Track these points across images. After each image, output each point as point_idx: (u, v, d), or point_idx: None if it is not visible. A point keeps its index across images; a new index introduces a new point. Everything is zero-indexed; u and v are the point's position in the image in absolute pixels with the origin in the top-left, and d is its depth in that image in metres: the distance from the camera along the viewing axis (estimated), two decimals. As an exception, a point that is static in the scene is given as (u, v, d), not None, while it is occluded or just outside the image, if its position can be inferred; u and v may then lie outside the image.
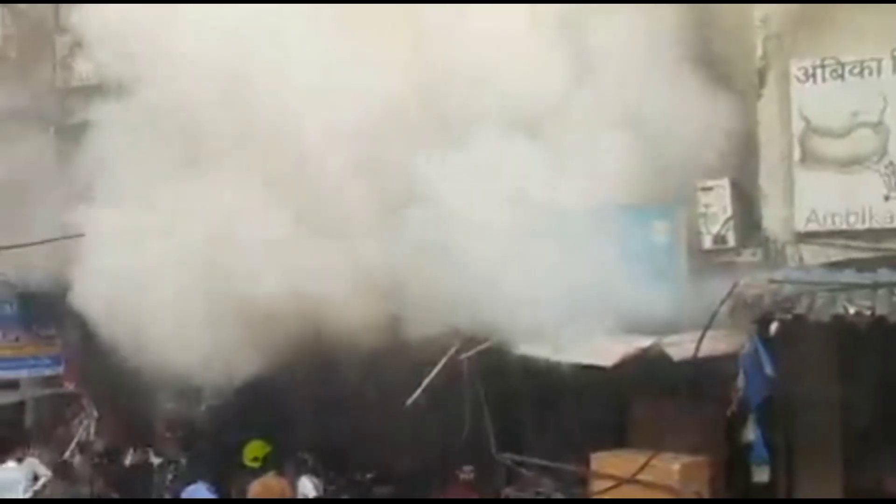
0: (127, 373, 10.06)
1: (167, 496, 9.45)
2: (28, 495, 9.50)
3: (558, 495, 6.86)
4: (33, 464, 10.06)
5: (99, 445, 10.60)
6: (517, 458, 6.92)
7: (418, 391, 6.85)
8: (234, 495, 9.15)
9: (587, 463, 6.62)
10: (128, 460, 10.27)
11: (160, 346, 7.78)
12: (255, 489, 8.44)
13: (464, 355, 6.71)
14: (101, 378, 11.67)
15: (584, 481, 6.73)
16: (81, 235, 8.74)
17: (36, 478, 9.86)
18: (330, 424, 8.89)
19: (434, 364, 6.79)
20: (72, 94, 10.73)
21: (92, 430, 10.97)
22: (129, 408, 11.30)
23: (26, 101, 10.83)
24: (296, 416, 9.42)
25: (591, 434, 6.80)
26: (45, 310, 11.65)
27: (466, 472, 7.74)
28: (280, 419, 9.54)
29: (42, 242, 9.22)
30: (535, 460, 6.93)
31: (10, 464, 9.85)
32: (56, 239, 9.23)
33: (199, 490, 8.76)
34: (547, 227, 6.40)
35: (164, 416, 10.88)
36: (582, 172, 6.59)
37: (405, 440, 8.59)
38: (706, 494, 6.14)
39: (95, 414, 11.25)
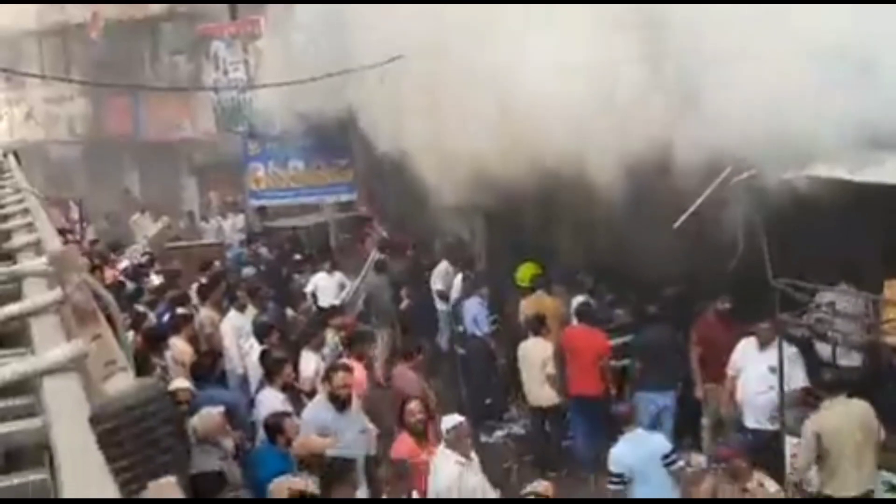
0: (411, 196, 10.98)
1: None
2: (338, 301, 11.00)
3: (840, 322, 6.46)
4: (339, 276, 11.60)
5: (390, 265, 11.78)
6: (797, 283, 6.54)
7: (686, 213, 6.65)
8: (506, 311, 9.86)
9: (880, 290, 6.11)
10: (437, 282, 10.92)
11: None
12: (527, 305, 8.97)
13: (740, 177, 6.34)
14: (388, 202, 12.90)
15: (874, 309, 6.25)
16: (364, 68, 9.30)
17: (343, 286, 11.41)
18: (602, 248, 9.05)
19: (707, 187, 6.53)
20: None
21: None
22: (413, 228, 12.42)
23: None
24: (569, 240, 9.70)
25: (886, 261, 6.21)
26: (339, 141, 12.95)
27: (722, 302, 7.54)
28: (552, 242, 9.89)
29: (326, 77, 9.91)
30: (817, 286, 6.52)
31: (322, 274, 11.46)
32: (342, 72, 9.95)
33: (473, 303, 9.56)
34: (838, 34, 5.63)
35: (447, 238, 11.83)
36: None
37: (675, 264, 8.52)
38: None
39: (385, 234, 12.54)
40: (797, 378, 6.56)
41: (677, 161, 6.60)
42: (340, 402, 6.00)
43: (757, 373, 6.96)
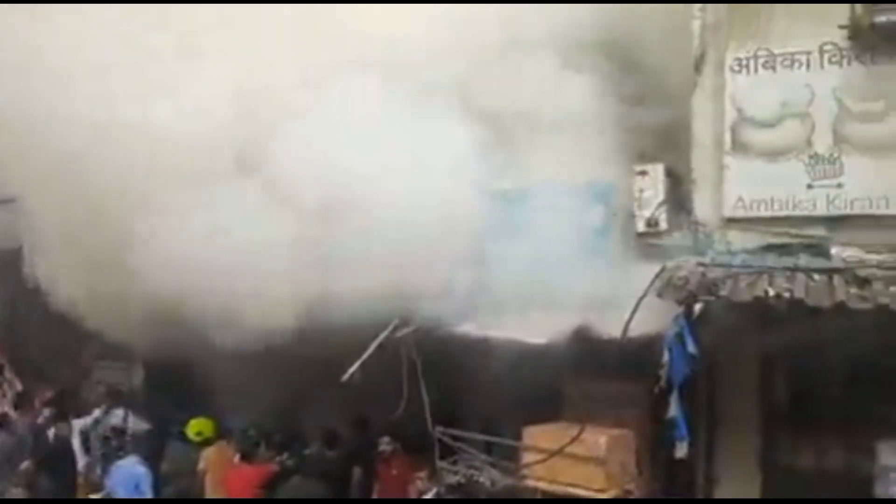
0: (57, 345, 9.84)
1: (100, 470, 9.31)
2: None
3: (490, 469, 7.01)
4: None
5: (24, 419, 10.33)
6: (450, 431, 7.06)
7: (355, 366, 6.92)
8: (171, 468, 9.08)
9: (519, 436, 6.79)
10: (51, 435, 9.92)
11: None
12: (210, 455, 8.71)
13: (399, 333, 6.81)
14: (27, 351, 11.39)
15: (516, 454, 6.90)
16: (12, 200, 8.57)
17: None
18: (272, 399, 8.93)
19: (372, 340, 6.88)
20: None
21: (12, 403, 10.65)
22: (56, 381, 11.05)
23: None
24: (237, 391, 9.37)
25: (524, 408, 6.97)
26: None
27: (385, 444, 7.99)
28: (221, 394, 9.48)
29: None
30: (468, 434, 7.08)
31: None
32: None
33: (130, 463, 8.69)
34: (483, 208, 6.54)
35: (97, 388, 10.69)
36: (519, 155, 6.74)
37: (347, 413, 8.70)
38: (631, 467, 6.39)
39: (19, 387, 10.97)
40: None
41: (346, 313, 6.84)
42: None
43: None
